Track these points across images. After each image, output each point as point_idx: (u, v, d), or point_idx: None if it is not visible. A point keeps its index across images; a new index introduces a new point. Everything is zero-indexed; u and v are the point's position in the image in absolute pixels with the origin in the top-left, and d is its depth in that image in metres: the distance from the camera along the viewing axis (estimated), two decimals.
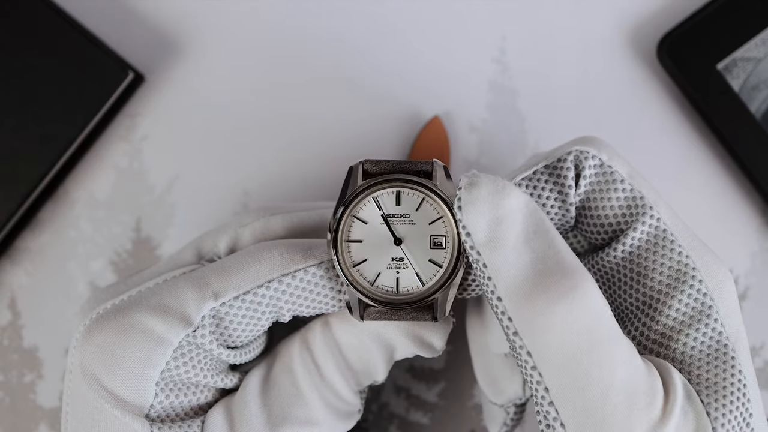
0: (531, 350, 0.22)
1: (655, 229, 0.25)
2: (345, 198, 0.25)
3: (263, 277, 0.25)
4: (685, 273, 0.25)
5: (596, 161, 0.26)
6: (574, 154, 0.26)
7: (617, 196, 0.26)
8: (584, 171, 0.25)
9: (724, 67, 0.35)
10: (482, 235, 0.23)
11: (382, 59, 0.37)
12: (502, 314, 0.22)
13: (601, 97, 0.37)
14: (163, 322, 0.25)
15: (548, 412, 0.22)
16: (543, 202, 0.26)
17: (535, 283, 0.22)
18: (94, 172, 0.37)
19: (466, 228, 0.23)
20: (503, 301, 0.22)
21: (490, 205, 0.23)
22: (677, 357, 0.24)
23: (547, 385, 0.22)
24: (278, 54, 0.37)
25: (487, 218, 0.23)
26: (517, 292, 0.22)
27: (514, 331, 0.22)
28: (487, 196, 0.23)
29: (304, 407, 0.26)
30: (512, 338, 0.22)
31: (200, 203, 0.37)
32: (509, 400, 0.30)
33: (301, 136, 0.37)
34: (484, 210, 0.23)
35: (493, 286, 0.22)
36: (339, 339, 0.27)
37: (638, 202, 0.25)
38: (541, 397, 0.22)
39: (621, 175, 0.26)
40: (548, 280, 0.22)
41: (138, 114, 0.37)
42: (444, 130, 0.36)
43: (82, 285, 0.37)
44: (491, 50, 0.37)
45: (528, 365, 0.22)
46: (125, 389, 0.24)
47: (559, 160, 0.26)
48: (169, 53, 0.37)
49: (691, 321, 0.25)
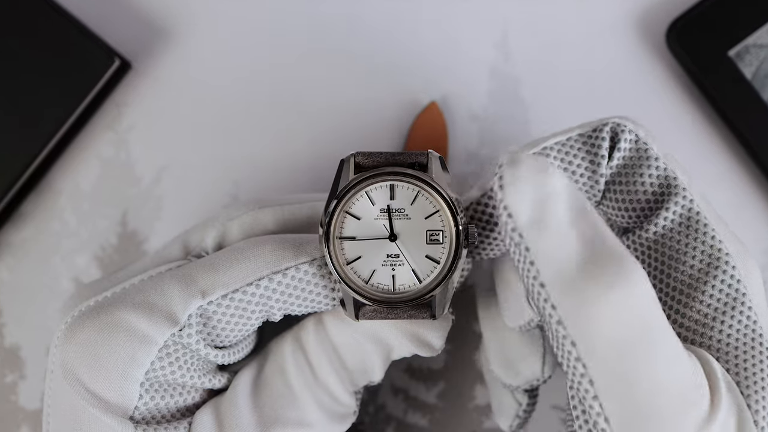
0: (576, 340, 0.21)
1: (688, 211, 0.25)
2: (336, 193, 0.25)
3: (253, 275, 0.25)
4: (718, 258, 0.25)
5: (632, 136, 0.26)
6: (611, 126, 0.26)
7: (650, 173, 0.25)
8: (620, 143, 0.26)
9: (736, 54, 0.35)
10: (526, 216, 0.21)
11: (377, 42, 0.37)
12: (545, 302, 0.21)
13: (607, 85, 0.36)
14: (148, 321, 0.24)
15: (591, 406, 0.21)
16: (573, 169, 0.25)
17: (583, 269, 0.21)
18: (79, 163, 0.37)
19: (508, 208, 0.21)
20: (546, 288, 0.21)
21: (533, 184, 0.21)
22: (714, 345, 0.24)
23: (592, 377, 0.21)
24: (269, 41, 0.37)
25: (531, 198, 0.21)
26: (563, 278, 0.21)
27: (558, 320, 0.21)
28: (530, 175, 0.21)
29: (296, 408, 0.26)
30: (555, 327, 0.21)
31: (189, 195, 0.36)
32: (527, 381, 0.29)
33: (292, 125, 0.37)
34: (527, 189, 0.21)
35: (535, 272, 0.21)
36: (333, 338, 0.26)
37: (671, 182, 0.25)
38: (585, 391, 0.21)
39: (656, 153, 0.26)
40: (597, 267, 0.21)
41: (124, 103, 0.37)
42: (442, 116, 0.36)
43: (65, 281, 0.36)
44: (492, 35, 0.37)
45: (571, 356, 0.21)
46: (108, 390, 0.24)
47: (594, 130, 0.26)
48: (156, 39, 0.37)
49: (726, 308, 0.24)
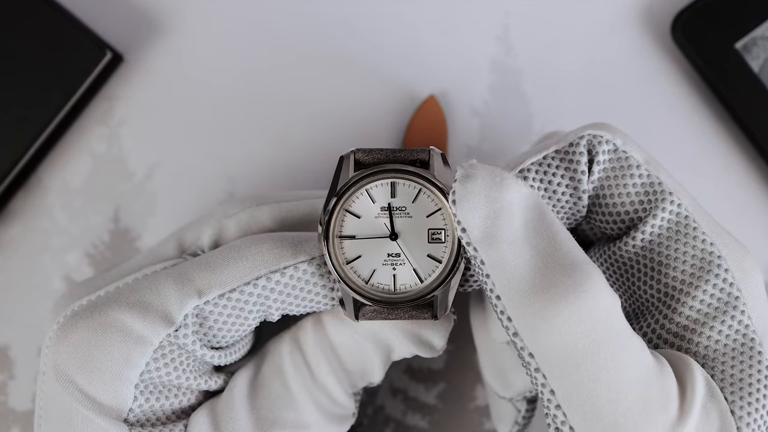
0: (533, 352, 0.22)
1: (676, 216, 0.25)
2: (336, 191, 0.24)
3: (250, 274, 0.25)
4: (710, 262, 0.24)
5: (610, 146, 0.25)
6: (587, 139, 0.25)
7: (633, 182, 0.25)
8: (597, 157, 0.25)
9: (743, 47, 0.35)
10: (478, 231, 0.22)
11: (375, 35, 0.36)
12: (501, 314, 0.22)
13: (611, 78, 0.36)
14: (143, 321, 0.24)
15: (555, 415, 0.22)
16: (554, 189, 0.25)
17: (534, 282, 0.21)
18: (69, 159, 0.36)
19: (461, 223, 0.22)
20: (502, 300, 0.22)
21: (486, 198, 0.22)
22: (700, 351, 0.24)
23: (552, 387, 0.21)
24: (265, 32, 0.36)
25: (483, 213, 0.22)
26: (515, 291, 0.22)
27: (514, 332, 0.22)
28: (482, 190, 0.22)
29: (294, 410, 0.26)
30: (513, 339, 0.22)
31: (183, 192, 0.36)
32: (518, 393, 0.29)
33: (290, 120, 0.36)
34: (479, 204, 0.22)
35: (491, 284, 0.22)
36: (332, 338, 0.26)
37: (656, 188, 0.25)
38: (548, 400, 0.22)
39: (637, 160, 0.25)
40: (548, 279, 0.21)
41: (116, 96, 0.36)
42: (441, 111, 0.35)
43: (56, 280, 0.36)
44: (494, 27, 0.36)
45: (531, 367, 0.22)
46: (102, 392, 0.24)
47: (570, 145, 0.25)
48: (149, 31, 0.36)
49: (716, 313, 0.24)
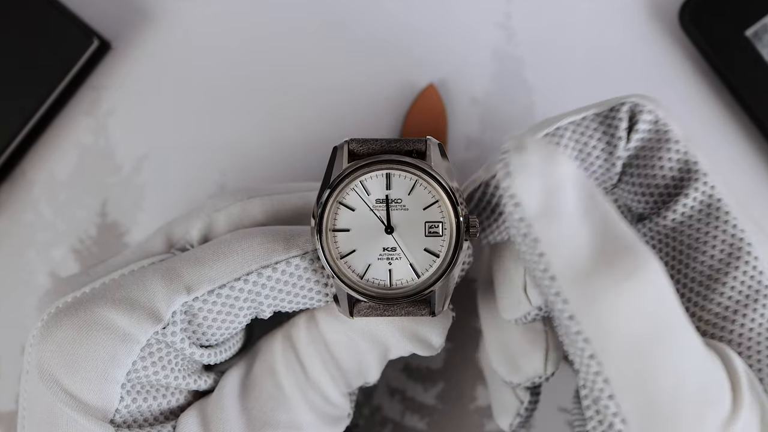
0: (590, 336, 0.21)
1: (708, 198, 0.25)
2: (329, 182, 0.24)
3: (241, 269, 0.24)
4: (740, 248, 0.24)
5: (652, 116, 0.25)
6: (629, 105, 0.25)
7: (669, 156, 0.25)
8: (638, 125, 0.25)
9: (754, 34, 0.34)
10: (535, 205, 0.21)
11: (371, 21, 0.36)
12: (555, 295, 0.21)
13: (616, 66, 0.36)
14: (130, 318, 0.24)
15: (607, 406, 0.21)
16: (588, 151, 0.25)
17: (596, 261, 0.21)
18: (55, 151, 0.36)
19: (515, 197, 0.21)
20: (558, 281, 0.21)
21: (542, 171, 0.21)
22: (735, 339, 0.24)
23: (607, 375, 0.21)
24: (257, 19, 0.36)
25: (540, 186, 0.21)
26: (575, 271, 0.21)
27: (570, 315, 0.21)
28: (538, 162, 0.21)
29: (287, 410, 0.26)
30: (567, 323, 0.21)
31: (172, 184, 0.36)
32: (528, 378, 0.28)
33: (282, 110, 0.36)
34: (535, 177, 0.21)
35: (545, 264, 0.21)
36: (326, 336, 0.26)
37: (691, 167, 0.25)
38: (599, 390, 0.21)
39: (676, 135, 0.25)
40: (611, 258, 0.21)
41: (103, 86, 0.36)
42: (440, 99, 0.35)
43: (41, 276, 0.36)
44: (495, 14, 0.36)
45: (585, 353, 0.21)
46: (88, 392, 0.24)
47: (611, 110, 0.25)
48: (138, 18, 0.36)
49: (748, 301, 0.24)
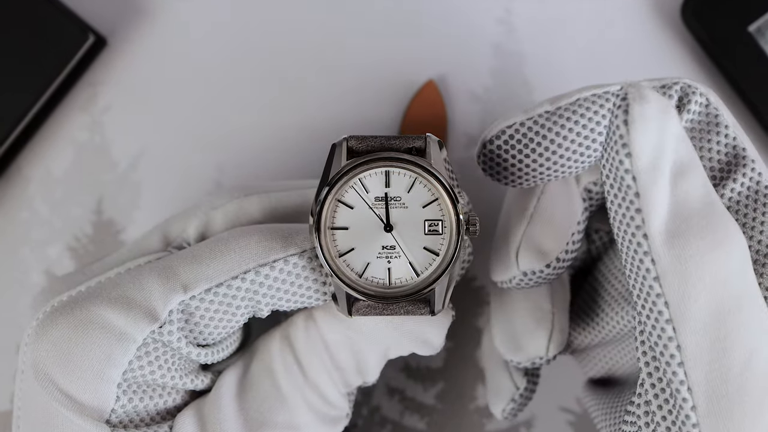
0: (670, 300, 0.21)
1: (756, 184, 0.25)
2: (328, 180, 0.24)
3: (238, 268, 0.24)
4: None
5: (703, 100, 0.25)
6: (681, 85, 0.25)
7: (719, 140, 0.25)
8: (689, 105, 0.25)
9: (757, 30, 0.34)
10: (647, 159, 0.21)
11: (371, 16, 0.36)
12: (644, 254, 0.21)
13: (618, 63, 0.36)
14: (126, 317, 0.24)
15: (675, 373, 0.21)
16: None
17: (691, 224, 0.21)
18: (51, 148, 0.36)
19: (628, 147, 0.21)
20: (650, 240, 0.21)
21: (659, 126, 0.21)
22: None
23: (680, 342, 0.21)
24: (255, 14, 0.36)
25: (655, 140, 0.21)
26: (669, 231, 0.21)
27: (655, 276, 0.21)
28: (658, 116, 0.21)
29: (285, 411, 0.25)
30: (650, 284, 0.21)
31: (169, 182, 0.36)
32: (528, 358, 0.28)
33: (280, 107, 0.36)
34: (653, 131, 0.21)
35: (640, 221, 0.21)
36: (324, 335, 0.26)
37: (740, 152, 0.25)
38: (670, 356, 0.21)
39: (726, 120, 0.25)
40: (706, 224, 0.21)
41: (99, 82, 0.36)
42: (440, 95, 0.35)
43: (36, 274, 0.36)
44: (495, 9, 0.36)
45: (662, 317, 0.21)
46: (83, 391, 0.23)
47: (663, 87, 0.25)
48: (134, 14, 0.36)
49: None
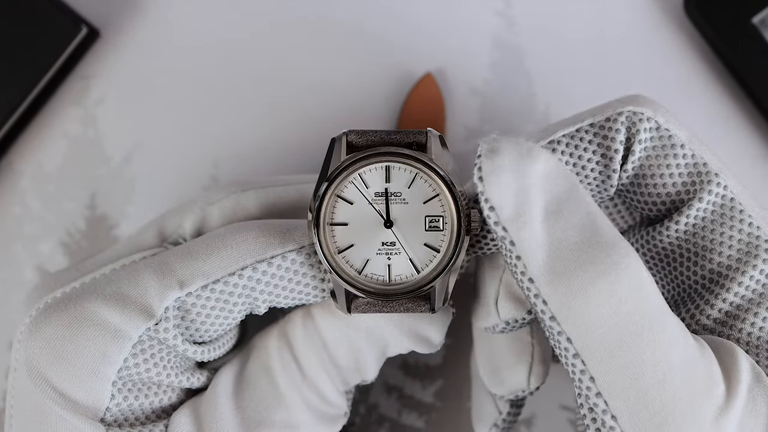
0: (571, 336, 0.21)
1: (722, 199, 0.25)
2: (327, 175, 0.24)
3: (235, 264, 0.24)
4: (756, 246, 0.24)
5: (652, 124, 0.25)
6: (626, 116, 0.25)
7: (677, 163, 0.25)
8: (639, 135, 0.24)
9: (761, 21, 0.34)
10: (509, 209, 0.21)
11: (367, 8, 0.36)
12: (535, 297, 0.22)
13: (619, 55, 0.36)
14: (121, 314, 0.24)
15: (596, 404, 0.21)
16: (583, 164, 0.25)
17: (570, 260, 0.21)
18: (43, 142, 0.36)
19: (489, 202, 0.22)
20: (535, 283, 0.21)
21: (515, 173, 0.21)
22: (743, 338, 0.24)
23: (592, 374, 0.21)
24: (250, 6, 0.36)
25: (513, 190, 0.21)
26: (551, 271, 0.21)
27: (551, 316, 0.21)
28: (511, 164, 0.21)
29: (282, 409, 0.25)
30: (549, 324, 0.21)
31: (163, 177, 0.35)
32: (511, 391, 0.28)
33: (277, 100, 0.36)
34: (509, 180, 0.21)
35: (522, 267, 0.21)
36: (323, 333, 0.26)
37: (701, 169, 0.25)
38: (587, 388, 0.21)
39: (680, 139, 0.25)
40: (586, 257, 0.21)
41: (92, 74, 0.36)
42: (438, 89, 0.35)
43: (28, 270, 0.35)
44: (494, 1, 0.36)
45: (569, 353, 0.21)
46: (77, 389, 0.23)
47: (608, 120, 0.25)
48: (126, 5, 0.36)
49: (761, 299, 0.24)
